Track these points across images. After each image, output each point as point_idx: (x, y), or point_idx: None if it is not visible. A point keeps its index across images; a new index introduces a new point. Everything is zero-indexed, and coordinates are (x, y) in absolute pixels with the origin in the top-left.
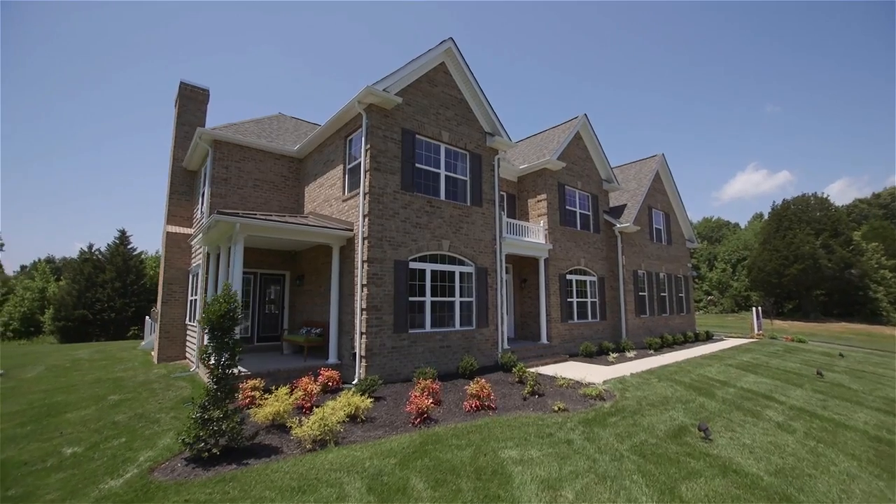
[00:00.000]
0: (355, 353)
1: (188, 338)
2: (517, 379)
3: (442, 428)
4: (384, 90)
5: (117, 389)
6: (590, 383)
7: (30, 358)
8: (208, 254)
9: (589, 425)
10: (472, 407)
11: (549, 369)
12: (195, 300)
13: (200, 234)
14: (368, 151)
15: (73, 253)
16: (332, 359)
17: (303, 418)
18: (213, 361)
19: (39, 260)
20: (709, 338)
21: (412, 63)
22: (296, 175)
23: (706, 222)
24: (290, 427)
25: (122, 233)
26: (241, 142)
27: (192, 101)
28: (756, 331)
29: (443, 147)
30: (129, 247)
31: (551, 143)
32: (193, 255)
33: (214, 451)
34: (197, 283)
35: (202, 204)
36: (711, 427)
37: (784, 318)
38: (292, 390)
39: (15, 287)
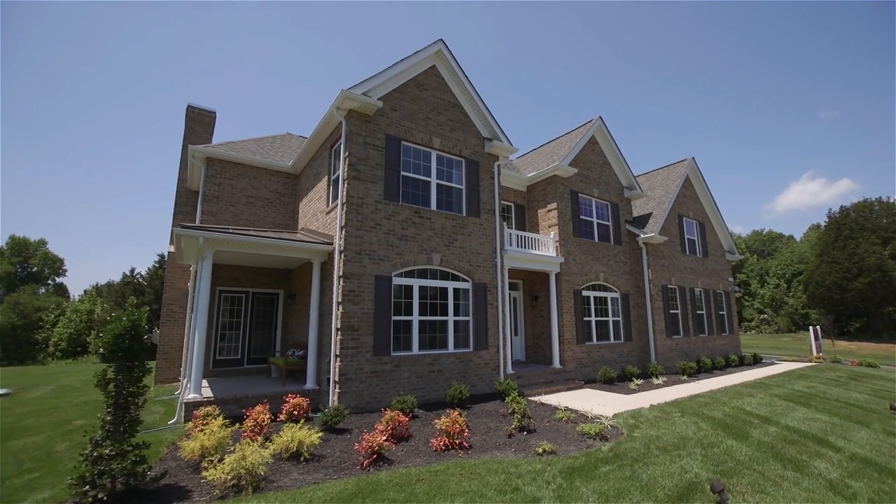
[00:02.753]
0: (329, 378)
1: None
2: (511, 410)
3: (390, 473)
4: (364, 94)
5: (90, 413)
6: (596, 417)
7: (50, 378)
8: (196, 272)
9: (571, 476)
10: (440, 445)
11: (555, 398)
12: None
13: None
14: (347, 159)
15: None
16: (310, 384)
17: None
18: (111, 388)
19: (98, 284)
20: (756, 361)
21: (397, 66)
22: (291, 191)
23: (756, 235)
24: (206, 467)
25: (162, 257)
26: (234, 158)
27: (198, 124)
28: (815, 353)
29: (434, 154)
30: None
31: (563, 149)
32: (192, 275)
33: (101, 496)
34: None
35: (196, 222)
36: (735, 486)
37: (851, 339)
38: (241, 420)
39: (66, 310)
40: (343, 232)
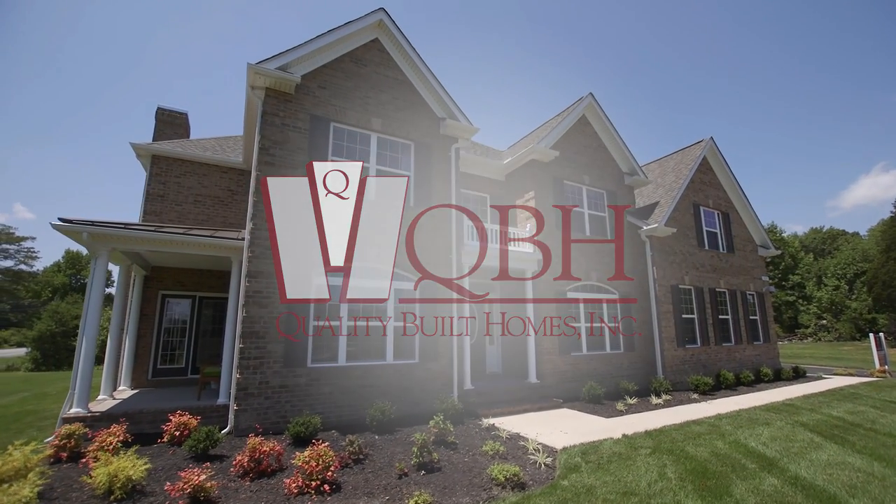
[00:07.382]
0: (230, 393)
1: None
2: (434, 437)
3: None
4: (280, 68)
5: (8, 427)
6: (536, 450)
7: (41, 385)
8: (134, 275)
9: None
10: (293, 488)
11: (515, 421)
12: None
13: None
14: (259, 143)
15: None
16: (223, 398)
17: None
18: None
19: None
20: (798, 375)
21: (323, 37)
22: (246, 188)
23: (814, 233)
24: None
25: None
26: (182, 155)
27: (168, 126)
28: (879, 365)
29: (373, 136)
30: None
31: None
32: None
33: None
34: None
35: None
36: None
37: None
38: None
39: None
40: (251, 224)
